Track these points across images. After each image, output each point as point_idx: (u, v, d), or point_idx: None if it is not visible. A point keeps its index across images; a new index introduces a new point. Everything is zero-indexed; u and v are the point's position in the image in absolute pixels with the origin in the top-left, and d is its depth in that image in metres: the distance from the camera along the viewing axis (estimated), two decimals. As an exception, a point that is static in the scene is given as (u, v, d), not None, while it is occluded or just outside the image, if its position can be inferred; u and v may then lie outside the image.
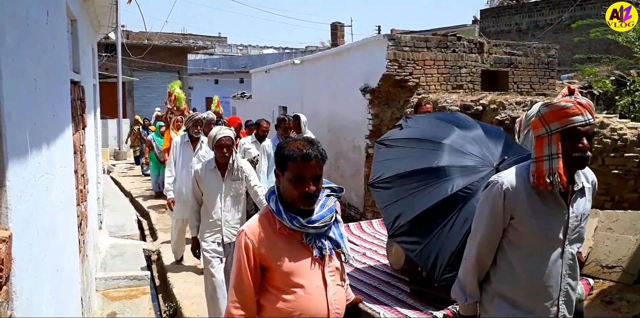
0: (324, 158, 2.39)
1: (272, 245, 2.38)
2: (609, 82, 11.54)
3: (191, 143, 6.94)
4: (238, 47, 46.74)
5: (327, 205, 2.48)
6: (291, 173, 2.33)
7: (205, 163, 5.02)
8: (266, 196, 2.50)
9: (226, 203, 4.94)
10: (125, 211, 10.15)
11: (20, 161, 1.81)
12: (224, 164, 4.89)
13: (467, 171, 3.53)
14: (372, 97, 9.60)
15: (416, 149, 3.86)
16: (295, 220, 2.36)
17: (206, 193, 4.91)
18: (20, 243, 1.74)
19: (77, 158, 3.92)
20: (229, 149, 4.79)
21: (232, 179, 4.94)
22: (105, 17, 7.68)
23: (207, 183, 4.88)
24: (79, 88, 4.60)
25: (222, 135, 4.77)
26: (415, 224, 3.44)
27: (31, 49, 2.15)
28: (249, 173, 5.00)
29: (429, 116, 4.85)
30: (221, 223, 4.93)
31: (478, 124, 4.12)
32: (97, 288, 5.84)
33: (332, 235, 2.49)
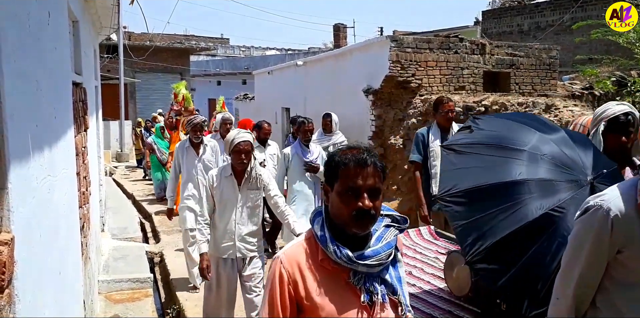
0: (383, 168, 1.96)
1: (311, 280, 1.93)
2: (610, 83, 11.54)
3: (193, 147, 6.38)
4: (240, 48, 46.72)
5: (386, 238, 1.99)
6: (342, 183, 1.90)
7: (221, 168, 4.57)
8: (311, 218, 2.05)
9: (241, 214, 4.46)
10: (127, 213, 10.14)
11: (22, 163, 1.80)
12: (241, 172, 4.43)
13: (556, 186, 2.99)
14: (374, 99, 9.59)
15: (494, 158, 3.29)
16: (343, 252, 1.88)
17: (219, 203, 4.44)
18: (23, 246, 1.73)
19: (79, 160, 3.91)
20: (247, 155, 4.34)
21: (249, 189, 4.46)
22: (107, 18, 7.67)
23: (221, 191, 4.42)
24: (81, 90, 4.59)
25: (241, 139, 4.30)
26: (498, 250, 2.90)
27: (33, 50, 2.14)
28: (268, 182, 4.53)
29: (500, 116, 4.39)
30: (235, 237, 4.45)
31: (559, 127, 3.56)
32: (100, 291, 5.83)
33: (387, 278, 1.99)
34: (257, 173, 4.48)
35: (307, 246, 1.99)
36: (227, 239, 4.47)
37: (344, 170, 1.90)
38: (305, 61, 14.21)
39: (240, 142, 4.31)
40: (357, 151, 1.94)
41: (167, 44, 28.74)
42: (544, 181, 2.99)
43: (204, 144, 6.41)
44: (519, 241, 2.85)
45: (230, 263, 4.51)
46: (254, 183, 4.47)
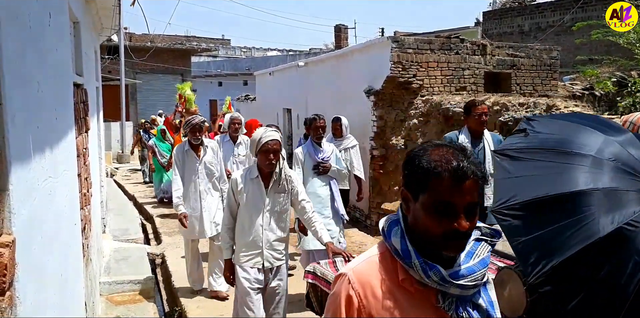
0: (485, 176, 1.59)
1: (389, 305, 1.58)
2: (611, 84, 11.55)
3: (193, 149, 5.98)
4: (242, 49, 46.73)
5: (478, 254, 1.66)
6: (433, 197, 1.53)
7: (246, 170, 4.20)
8: (384, 228, 1.68)
9: (269, 219, 4.12)
10: (129, 214, 10.14)
11: (23, 164, 1.80)
12: (268, 173, 4.09)
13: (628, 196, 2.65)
14: (376, 99, 9.58)
15: (555, 164, 2.92)
16: (434, 271, 1.55)
17: (245, 207, 4.10)
18: (24, 248, 1.72)
19: (80, 161, 3.91)
20: (276, 155, 3.96)
21: (277, 192, 4.13)
22: (108, 20, 7.67)
23: (246, 195, 4.07)
24: (82, 91, 4.59)
25: (269, 138, 3.95)
26: (566, 269, 2.56)
27: (34, 51, 2.13)
28: (296, 184, 4.22)
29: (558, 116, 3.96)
30: (262, 245, 4.10)
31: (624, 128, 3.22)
32: (101, 293, 5.82)
33: (481, 302, 1.67)
34: (287, 175, 4.17)
35: (381, 263, 1.64)
36: (253, 247, 4.11)
37: (436, 182, 1.52)
38: (306, 61, 14.21)
39: (268, 141, 3.96)
40: (451, 155, 1.55)
41: (168, 45, 28.79)
42: (614, 191, 2.66)
43: (204, 146, 6.05)
44: (589, 259, 2.54)
45: (257, 274, 4.14)
46: (282, 186, 4.14)
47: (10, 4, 1.72)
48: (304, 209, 4.22)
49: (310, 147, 5.94)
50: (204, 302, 5.78)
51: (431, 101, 9.02)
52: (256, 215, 4.11)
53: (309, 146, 5.96)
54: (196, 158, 5.98)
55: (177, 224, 9.39)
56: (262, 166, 4.05)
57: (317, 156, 5.85)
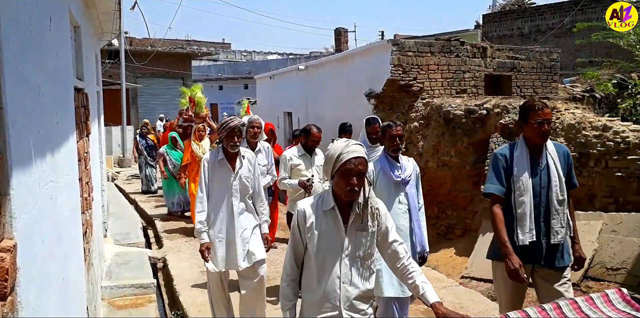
0: None
1: None
2: (611, 86, 11.57)
3: (227, 160, 4.83)
4: (242, 53, 46.85)
5: None
6: None
7: (318, 199, 3.04)
8: None
9: (349, 268, 2.94)
10: (130, 218, 10.13)
11: (24, 169, 1.79)
12: (347, 204, 2.95)
13: None
14: (376, 102, 9.60)
15: None
16: None
17: (315, 250, 2.94)
18: (25, 253, 1.72)
19: (81, 166, 3.91)
20: (360, 178, 2.85)
21: (360, 230, 2.95)
22: (109, 24, 7.68)
23: (318, 234, 2.94)
24: (83, 95, 4.59)
25: (353, 155, 2.83)
26: None
27: (34, 55, 2.13)
28: (385, 219, 3.02)
29: None
30: (339, 303, 2.93)
31: None
32: (103, 297, 5.81)
33: None
34: (373, 207, 2.97)
35: None
36: (327, 306, 2.98)
37: None
38: (307, 65, 14.24)
39: (351, 159, 2.84)
40: None
41: (168, 49, 28.83)
42: None
43: (240, 156, 4.90)
44: None
45: None
46: (365, 222, 2.96)
47: (10, 8, 1.73)
48: (396, 254, 3.02)
49: (384, 162, 4.60)
50: (205, 306, 5.76)
51: (432, 104, 9.03)
52: (331, 262, 2.95)
53: (382, 161, 4.62)
54: (230, 170, 4.82)
55: (179, 226, 9.47)
56: (341, 193, 2.90)
57: (394, 175, 4.53)
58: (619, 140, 6.67)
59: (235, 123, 4.81)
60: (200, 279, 6.61)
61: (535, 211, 3.80)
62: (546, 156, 3.92)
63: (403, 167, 4.60)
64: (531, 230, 3.77)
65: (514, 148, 4.02)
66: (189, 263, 7.31)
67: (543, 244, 3.82)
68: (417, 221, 4.55)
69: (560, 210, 3.82)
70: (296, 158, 6.00)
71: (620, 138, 6.67)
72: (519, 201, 3.83)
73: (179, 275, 6.81)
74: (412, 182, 4.62)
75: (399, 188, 4.53)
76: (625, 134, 6.68)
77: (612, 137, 6.74)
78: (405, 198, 4.55)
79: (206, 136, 8.98)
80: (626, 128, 6.80)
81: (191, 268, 7.05)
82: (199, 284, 6.44)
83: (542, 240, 3.81)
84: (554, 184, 3.82)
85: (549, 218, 3.82)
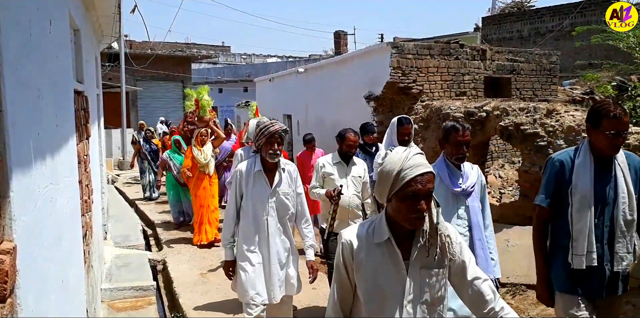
0: None
1: None
2: (611, 88, 11.58)
3: (265, 172, 4.21)
4: (242, 56, 46.91)
5: None
6: None
7: (367, 226, 2.31)
8: None
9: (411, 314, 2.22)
10: (130, 221, 10.13)
11: (24, 171, 1.80)
12: (406, 232, 2.24)
13: None
14: (376, 105, 9.61)
15: None
16: None
17: (368, 295, 2.25)
18: (25, 255, 1.72)
19: (81, 168, 3.91)
20: (428, 200, 2.17)
21: (426, 267, 2.25)
22: (108, 27, 7.70)
23: (370, 273, 2.24)
24: (83, 98, 4.60)
25: (419, 171, 2.14)
26: None
27: (34, 58, 2.14)
28: (460, 250, 2.31)
29: None
30: None
31: None
32: (103, 299, 5.81)
33: None
34: (444, 234, 2.26)
35: None
36: None
37: None
38: (306, 68, 14.26)
39: (417, 177, 2.13)
40: None
41: (168, 52, 28.86)
42: None
43: (280, 168, 4.25)
44: None
45: None
46: (432, 254, 2.22)
47: (11, 11, 1.74)
48: (480, 296, 2.26)
49: (443, 169, 3.81)
50: (205, 309, 5.76)
51: (431, 106, 9.04)
52: (389, 310, 2.22)
53: (440, 167, 3.81)
54: (267, 185, 4.21)
55: (179, 229, 9.46)
56: (404, 221, 2.16)
57: (454, 185, 3.77)
58: (618, 143, 6.69)
59: (276, 128, 4.13)
60: (199, 281, 6.62)
61: (597, 232, 3.22)
62: (614, 167, 3.30)
63: (465, 175, 3.82)
64: (590, 254, 3.20)
65: (575, 153, 3.37)
66: (189, 265, 7.31)
67: (606, 271, 3.24)
68: (480, 241, 3.73)
69: (627, 231, 3.24)
70: (330, 165, 5.25)
71: (620, 140, 6.69)
72: (576, 217, 3.26)
73: (179, 277, 6.82)
74: (476, 194, 3.83)
75: (458, 201, 3.76)
76: (624, 136, 6.70)
77: (611, 139, 6.76)
78: (465, 213, 3.76)
79: (209, 141, 8.56)
80: (625, 130, 6.81)
81: (191, 271, 7.06)
82: (198, 286, 6.44)
83: (605, 267, 3.24)
84: (622, 201, 3.22)
85: (613, 241, 3.23)
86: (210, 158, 8.42)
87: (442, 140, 3.89)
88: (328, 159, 5.34)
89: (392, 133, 5.47)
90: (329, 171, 5.20)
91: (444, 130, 3.91)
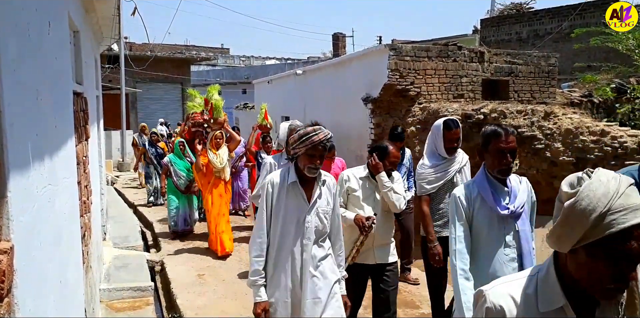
0: None
1: None
2: (610, 90, 11.59)
3: (302, 185, 3.45)
4: (240, 58, 46.96)
5: None
6: None
7: (531, 285, 1.65)
8: None
9: None
10: (129, 222, 10.14)
11: (22, 171, 1.81)
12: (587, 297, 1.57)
13: None
14: (373, 107, 9.62)
15: None
16: None
17: None
18: (23, 255, 1.74)
19: (80, 169, 3.92)
20: None
21: None
22: (108, 29, 7.71)
23: None
24: (82, 99, 4.61)
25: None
26: None
27: (33, 59, 2.15)
28: None
29: None
30: None
31: None
32: (101, 300, 5.83)
33: None
34: None
35: None
36: None
37: None
38: (304, 69, 14.27)
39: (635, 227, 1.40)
40: None
41: (167, 54, 28.91)
42: None
43: (319, 181, 3.51)
44: None
45: None
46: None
47: (9, 13, 1.75)
48: None
49: (484, 185, 3.17)
50: (202, 309, 5.78)
51: (429, 109, 9.06)
52: None
53: (480, 182, 3.18)
54: (305, 200, 3.44)
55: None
56: (591, 286, 1.51)
57: (500, 206, 3.10)
58: (616, 145, 6.70)
59: (321, 137, 3.35)
60: (197, 282, 6.64)
61: None
62: None
63: (513, 192, 3.16)
64: None
65: None
66: (187, 266, 7.33)
67: None
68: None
69: None
70: (355, 180, 4.37)
71: (618, 143, 6.70)
72: None
73: (177, 278, 6.83)
74: (526, 215, 3.19)
75: (506, 225, 3.12)
76: (623, 139, 6.71)
77: (609, 142, 6.77)
78: (515, 240, 3.11)
79: (224, 144, 8.04)
80: (624, 133, 6.83)
81: (188, 272, 7.07)
82: (196, 287, 6.46)
83: None
84: None
85: None
86: (226, 163, 7.92)
87: (481, 148, 3.27)
88: (355, 172, 4.44)
89: (437, 138, 4.58)
90: (354, 186, 4.36)
91: (482, 136, 3.26)
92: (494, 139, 3.14)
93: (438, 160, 4.55)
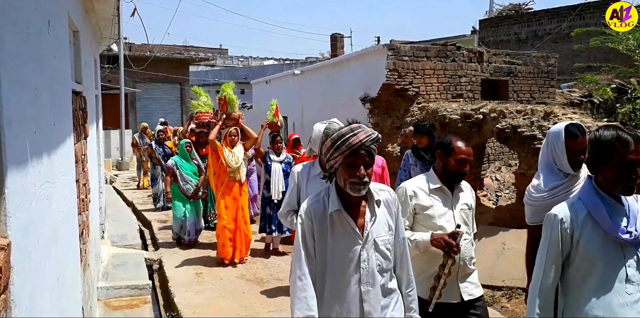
0: None
1: None
2: (610, 91, 11.59)
3: (347, 211, 2.52)
4: (239, 58, 46.99)
5: None
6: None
7: None
8: None
9: None
10: (127, 221, 10.14)
11: (19, 169, 1.82)
12: None
13: None
14: (372, 107, 9.64)
15: None
16: None
17: None
18: (20, 252, 1.75)
19: (78, 168, 3.93)
20: None
21: None
22: (108, 29, 7.73)
23: None
24: (81, 98, 4.62)
25: None
26: None
27: (32, 58, 2.16)
28: None
29: None
30: None
31: None
32: (99, 298, 5.83)
33: None
34: None
35: None
36: None
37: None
38: (302, 70, 14.29)
39: None
40: None
41: (166, 55, 28.89)
42: None
43: (373, 202, 2.57)
44: None
45: None
46: None
47: (9, 11, 1.76)
48: None
49: (596, 203, 2.47)
50: (200, 308, 5.78)
51: (427, 109, 9.07)
52: None
53: (589, 200, 2.49)
54: (356, 231, 2.52)
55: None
56: None
57: (618, 229, 2.40)
58: (616, 145, 6.70)
59: (362, 138, 2.49)
60: (194, 281, 6.64)
61: None
62: None
63: (632, 212, 2.46)
64: None
65: None
66: (185, 265, 7.33)
67: None
68: None
69: None
70: (425, 194, 3.34)
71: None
72: None
73: (174, 276, 6.83)
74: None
75: (625, 253, 2.41)
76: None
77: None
78: (638, 271, 2.40)
79: (239, 142, 7.41)
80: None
81: (186, 270, 7.07)
82: (193, 286, 6.46)
83: None
84: None
85: None
86: (241, 162, 7.26)
87: (594, 158, 2.50)
88: (420, 184, 3.39)
89: (558, 148, 3.35)
90: (425, 203, 3.31)
91: (598, 142, 2.47)
92: (621, 148, 2.37)
93: (560, 178, 3.40)
